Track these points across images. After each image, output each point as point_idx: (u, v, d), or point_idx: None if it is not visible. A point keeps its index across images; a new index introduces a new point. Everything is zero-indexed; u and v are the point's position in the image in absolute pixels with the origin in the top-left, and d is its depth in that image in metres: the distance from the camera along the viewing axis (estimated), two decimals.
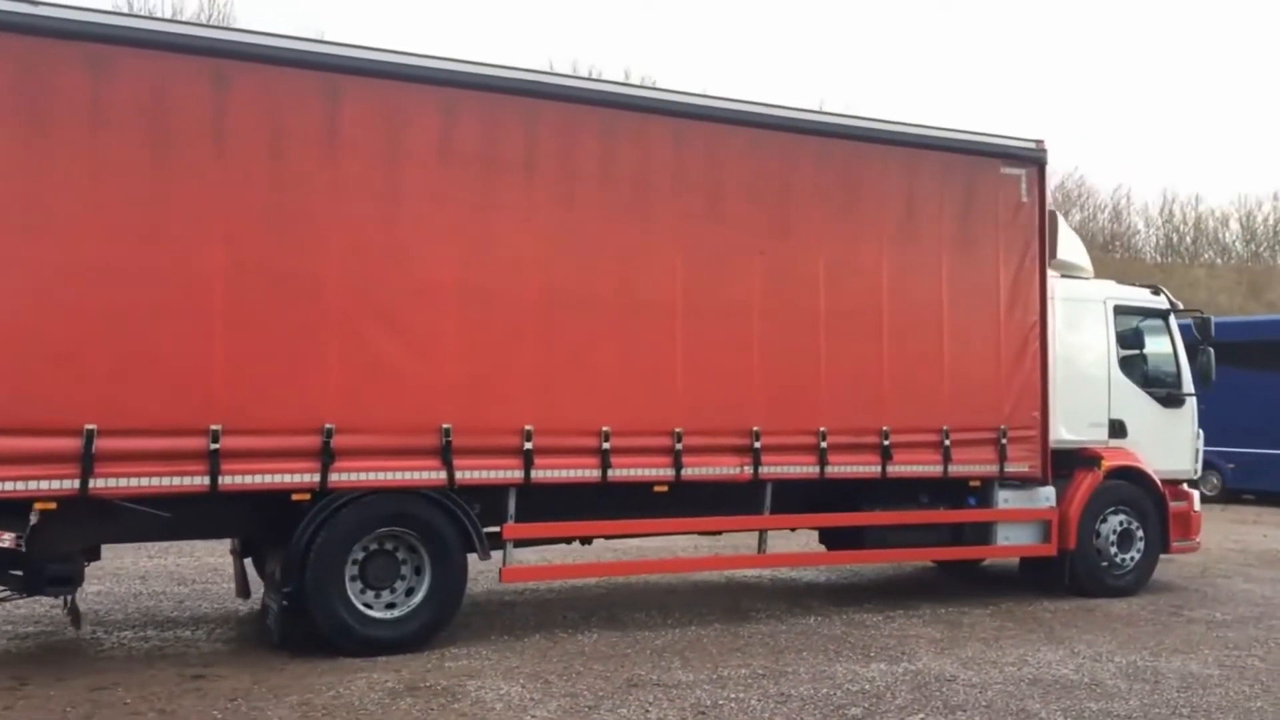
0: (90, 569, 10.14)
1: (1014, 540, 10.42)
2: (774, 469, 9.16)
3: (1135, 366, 11.40)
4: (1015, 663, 7.98)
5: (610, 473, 8.54)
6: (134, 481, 7.20)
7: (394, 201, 7.96)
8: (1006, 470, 10.14)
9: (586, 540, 9.54)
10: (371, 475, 7.85)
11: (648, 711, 6.55)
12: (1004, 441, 10.07)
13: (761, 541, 9.56)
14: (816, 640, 8.58)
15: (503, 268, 8.27)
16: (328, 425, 7.65)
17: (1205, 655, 8.37)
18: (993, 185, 10.17)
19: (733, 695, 6.91)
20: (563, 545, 9.58)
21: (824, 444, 9.30)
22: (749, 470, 9.05)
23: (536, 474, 8.31)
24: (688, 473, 8.82)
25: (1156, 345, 11.56)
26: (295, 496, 7.69)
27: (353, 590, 7.89)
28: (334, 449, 7.67)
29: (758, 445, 9.04)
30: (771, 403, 9.15)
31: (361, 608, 7.90)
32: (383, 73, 7.98)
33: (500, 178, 8.28)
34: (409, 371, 7.96)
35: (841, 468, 9.41)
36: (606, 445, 8.50)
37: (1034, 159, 10.37)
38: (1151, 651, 8.45)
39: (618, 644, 8.32)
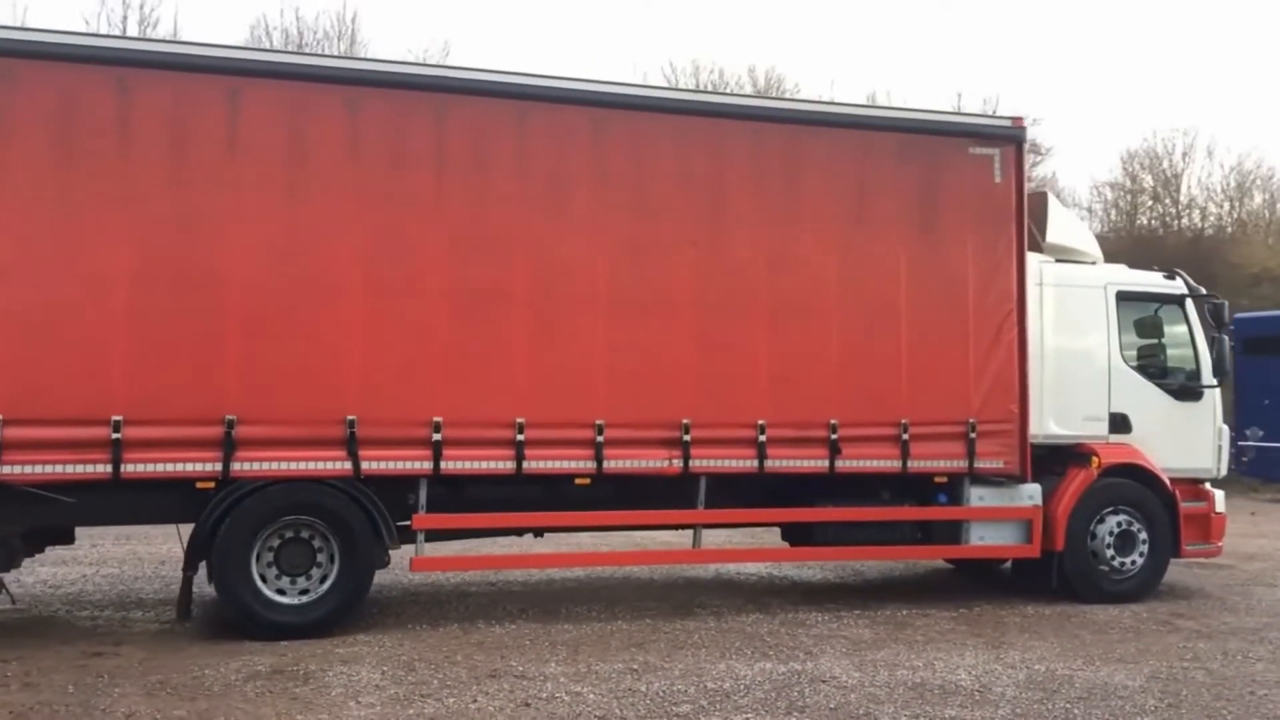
0: (62, 552, 10.92)
1: (990, 540, 9.86)
2: (707, 462, 8.97)
3: (1143, 357, 10.62)
4: (918, 667, 7.58)
5: (525, 464, 8.54)
6: (39, 469, 7.61)
7: (299, 199, 8.17)
8: (977, 466, 9.62)
9: (539, 533, 9.57)
10: (275, 465, 8.08)
11: (475, 700, 6.53)
12: (973, 436, 9.55)
13: (696, 537, 9.34)
14: (731, 638, 8.35)
15: (410, 262, 8.38)
16: (229, 416, 7.92)
17: (1147, 667, 7.74)
18: (961, 166, 9.68)
19: (579, 689, 6.81)
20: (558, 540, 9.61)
21: (763, 437, 9.04)
22: (678, 463, 8.88)
23: (446, 465, 8.39)
24: (610, 465, 8.73)
25: (1169, 334, 10.73)
26: (200, 485, 7.99)
27: (259, 576, 8.13)
28: (236, 439, 7.94)
29: (687, 438, 8.87)
30: (704, 395, 8.96)
31: (270, 594, 8.14)
32: (284, 74, 8.22)
33: (408, 173, 8.39)
34: (313, 364, 8.15)
35: (782, 462, 9.13)
36: (520, 437, 8.50)
37: (1009, 137, 9.82)
38: (1087, 661, 7.87)
39: (524, 636, 8.30)
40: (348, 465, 8.18)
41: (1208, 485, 10.64)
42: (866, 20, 49.88)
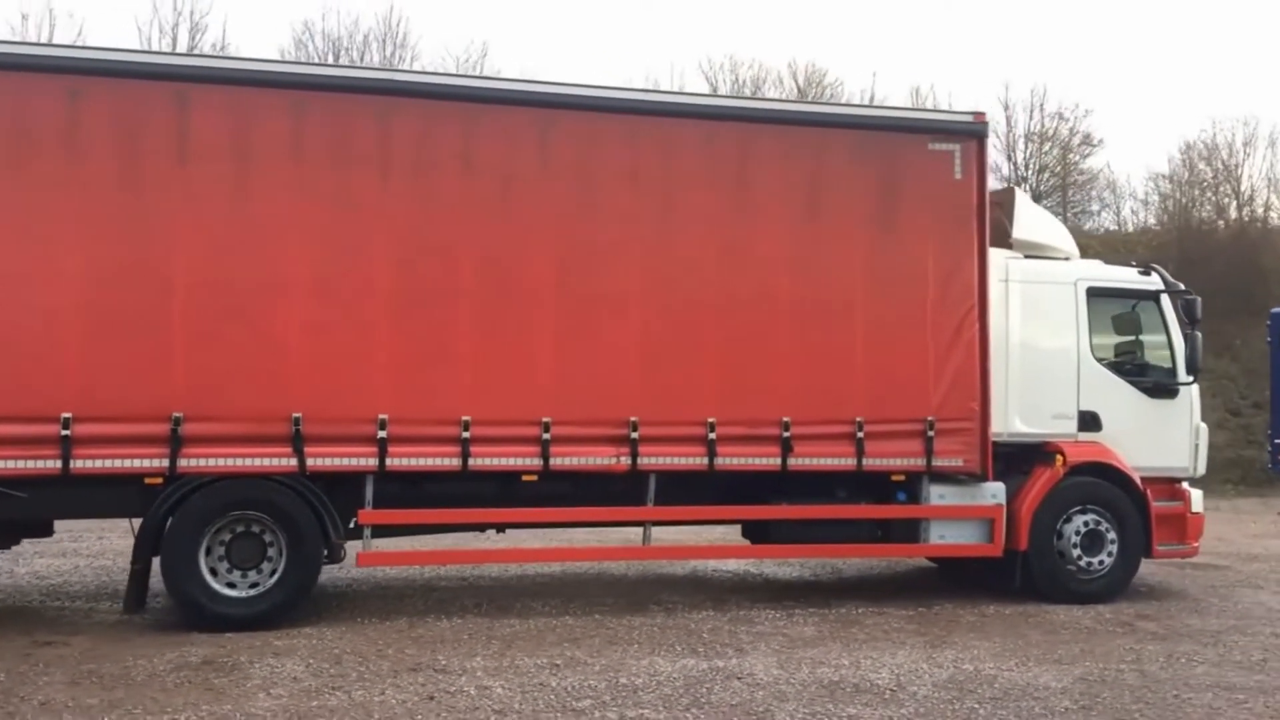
0: (68, 544, 11.28)
1: (951, 539, 9.77)
2: (655, 460, 9.01)
3: (1116, 354, 10.45)
4: (843, 665, 7.56)
5: (471, 461, 8.66)
6: None
7: (245, 201, 8.36)
8: (935, 464, 9.54)
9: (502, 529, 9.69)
10: (221, 461, 8.28)
11: (383, 694, 6.66)
12: (931, 434, 9.48)
13: (646, 534, 9.39)
14: (670, 635, 8.39)
15: (356, 261, 8.54)
16: (176, 413, 8.14)
17: (1080, 669, 7.63)
18: (920, 162, 9.59)
19: (490, 683, 6.91)
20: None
21: (712, 435, 9.06)
22: (626, 461, 8.94)
23: (391, 461, 8.54)
24: (557, 462, 8.82)
25: (1144, 330, 10.53)
26: (149, 480, 8.22)
27: (208, 570, 8.34)
28: (182, 436, 8.16)
29: (635, 435, 8.92)
30: (652, 393, 9.00)
31: (218, 587, 8.35)
32: (231, 79, 8.42)
33: (354, 174, 8.54)
34: (259, 363, 8.34)
35: (733, 459, 9.14)
36: (466, 434, 8.62)
37: (970, 133, 9.71)
38: (1021, 661, 7.79)
39: (466, 631, 8.43)
40: (293, 462, 8.36)
41: (1185, 485, 10.43)
42: (910, 11, 49.34)
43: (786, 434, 9.20)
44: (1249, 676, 7.54)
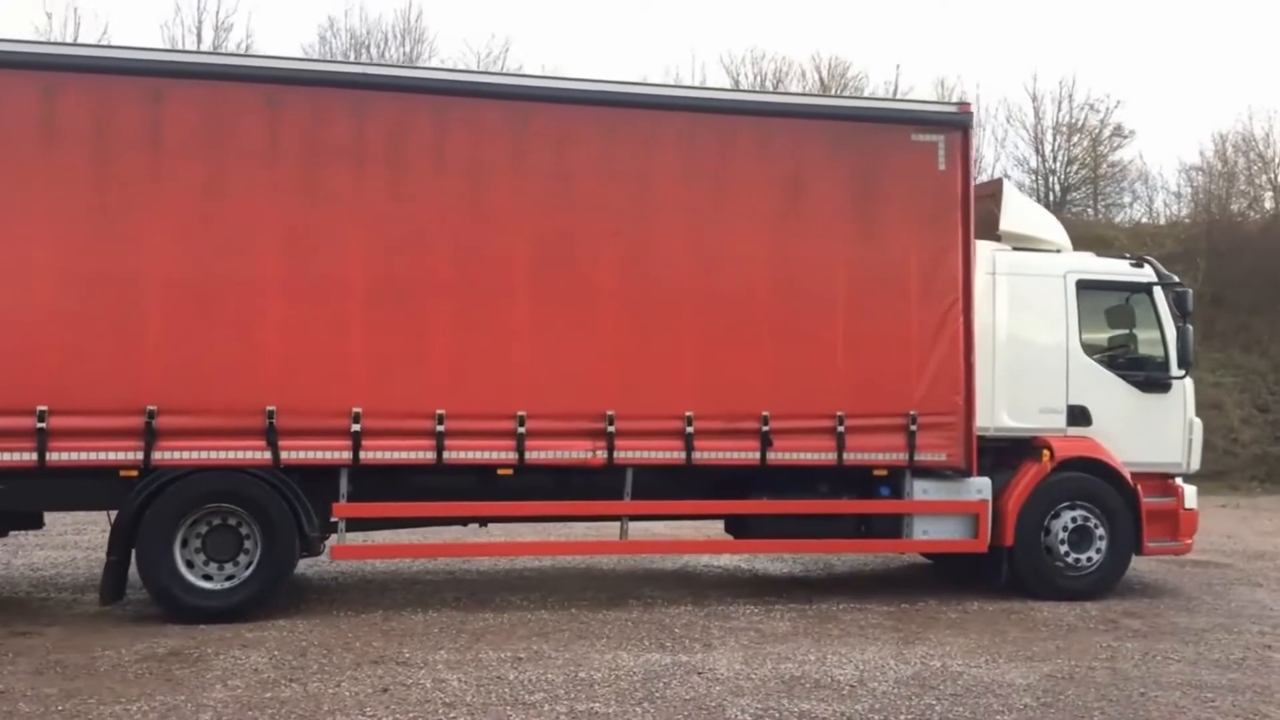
0: (73, 536, 11.41)
1: (934, 534, 9.66)
2: (632, 454, 8.98)
3: (1106, 347, 10.30)
4: (809, 661, 7.49)
5: (445, 455, 8.66)
6: None
7: (218, 196, 8.41)
8: (918, 459, 9.44)
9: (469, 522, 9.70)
10: (196, 454, 8.34)
11: (338, 686, 6.67)
12: (914, 428, 9.38)
13: (623, 528, 9.35)
14: (643, 629, 8.36)
15: (330, 256, 8.56)
16: (150, 407, 8.20)
17: (1051, 666, 7.53)
18: (902, 154, 9.49)
19: (447, 676, 6.91)
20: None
21: (690, 429, 9.01)
22: (602, 455, 8.91)
23: (366, 455, 8.56)
24: (532, 456, 8.81)
25: (1136, 324, 10.36)
26: (124, 473, 8.29)
27: (185, 561, 8.41)
28: (157, 429, 8.22)
29: (612, 429, 8.89)
30: (628, 386, 8.97)
31: (193, 579, 8.41)
32: (204, 74, 8.46)
33: (328, 169, 8.57)
34: (233, 357, 8.38)
35: (711, 454, 9.09)
36: (440, 428, 8.63)
37: (954, 124, 9.59)
38: (993, 658, 7.69)
39: (439, 624, 8.44)
40: (267, 455, 8.40)
41: (1178, 480, 10.26)
42: (936, 2, 48.84)
43: (765, 428, 9.13)
44: (1223, 675, 7.40)
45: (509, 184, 8.84)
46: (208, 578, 8.49)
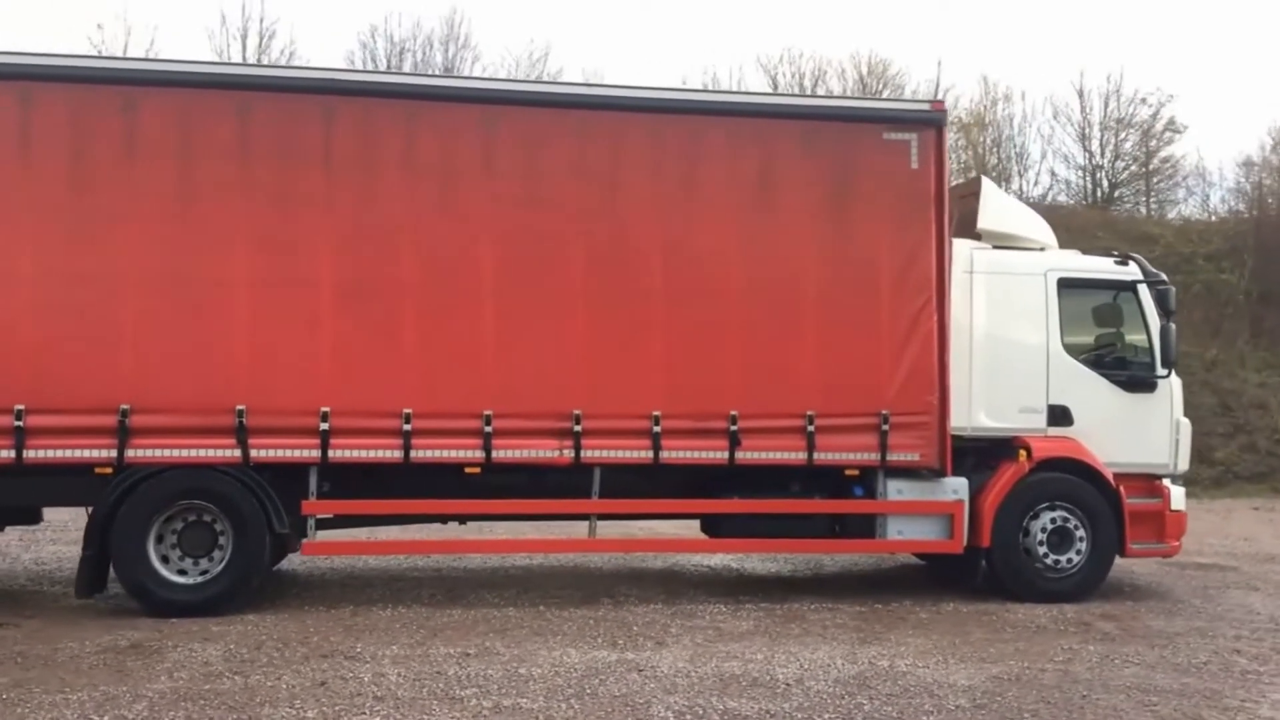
0: (74, 533, 11.67)
1: (909, 535, 9.61)
2: (599, 453, 9.04)
3: (1089, 346, 10.15)
4: (755, 660, 7.50)
5: (413, 454, 8.80)
6: None
7: (192, 200, 8.62)
8: (890, 459, 9.39)
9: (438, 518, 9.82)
10: (168, 452, 8.56)
11: (280, 679, 6.82)
12: (886, 428, 9.33)
13: (591, 526, 9.41)
14: (601, 627, 8.42)
15: (299, 257, 8.74)
16: (124, 405, 8.43)
17: (1001, 667, 7.45)
18: (874, 153, 9.45)
19: (388, 671, 7.03)
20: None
21: (657, 428, 9.06)
22: (569, 454, 8.99)
23: (334, 454, 8.72)
24: (499, 455, 8.91)
25: (1120, 322, 10.20)
26: (99, 470, 8.53)
27: (160, 557, 8.63)
28: (130, 427, 8.45)
29: (579, 429, 8.96)
30: (596, 386, 9.04)
31: (167, 574, 8.63)
32: (177, 81, 8.68)
33: (298, 172, 8.74)
34: (205, 356, 8.59)
35: (679, 453, 9.12)
36: (407, 427, 8.76)
37: (927, 121, 9.54)
38: (943, 659, 7.64)
39: (399, 619, 8.58)
40: (237, 453, 8.60)
41: (1166, 482, 10.08)
42: None
43: (734, 428, 9.14)
44: (1178, 679, 7.29)
45: (478, 185, 8.96)
46: (183, 573, 8.70)
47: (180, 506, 8.67)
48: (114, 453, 8.46)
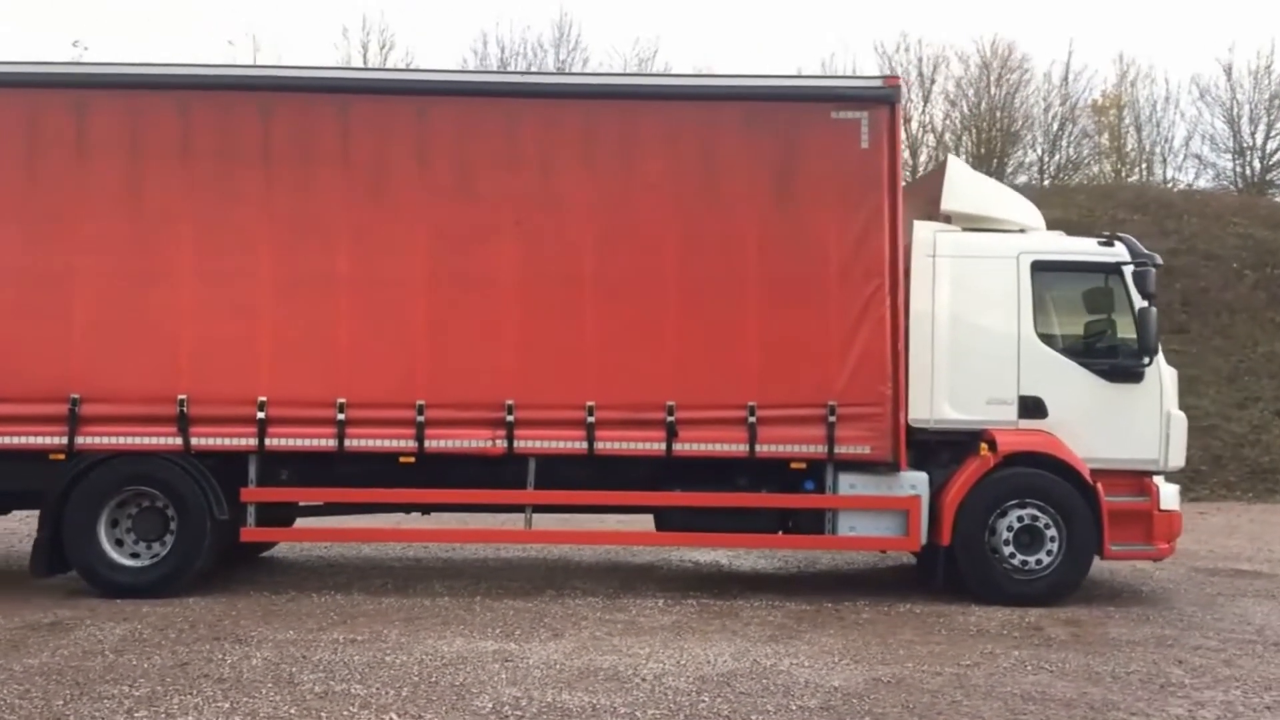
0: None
1: (863, 531, 9.17)
2: (532, 443, 8.98)
3: (1067, 334, 9.49)
4: (640, 656, 7.27)
5: (346, 443, 8.93)
6: None
7: (137, 195, 8.97)
8: (838, 452, 9.01)
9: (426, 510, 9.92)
10: (116, 439, 8.92)
11: (151, 659, 6.99)
12: (833, 419, 8.96)
13: (527, 518, 9.32)
14: (520, 618, 8.33)
15: (237, 251, 8.98)
16: (74, 395, 8.83)
17: (895, 670, 7.05)
18: (821, 133, 9.09)
19: (256, 653, 7.13)
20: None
21: (591, 419, 8.93)
22: (502, 444, 8.96)
23: (271, 442, 8.93)
24: (432, 445, 8.95)
25: (1107, 308, 9.48)
26: (52, 456, 8.95)
27: (112, 540, 9.00)
28: (80, 415, 8.85)
29: (511, 419, 8.92)
30: (530, 375, 8.98)
31: (116, 556, 8.99)
32: (125, 84, 9.03)
33: (238, 167, 8.99)
34: (149, 347, 8.92)
35: (614, 444, 8.98)
36: (342, 416, 8.90)
37: (879, 99, 9.11)
38: (839, 661, 7.24)
39: (320, 606, 8.70)
40: (179, 441, 8.89)
41: (1155, 479, 9.35)
42: None
43: (671, 419, 8.94)
44: (1080, 688, 6.74)
45: (409, 176, 9.02)
46: (135, 556, 9.05)
47: (131, 491, 9.01)
48: (65, 440, 8.86)
